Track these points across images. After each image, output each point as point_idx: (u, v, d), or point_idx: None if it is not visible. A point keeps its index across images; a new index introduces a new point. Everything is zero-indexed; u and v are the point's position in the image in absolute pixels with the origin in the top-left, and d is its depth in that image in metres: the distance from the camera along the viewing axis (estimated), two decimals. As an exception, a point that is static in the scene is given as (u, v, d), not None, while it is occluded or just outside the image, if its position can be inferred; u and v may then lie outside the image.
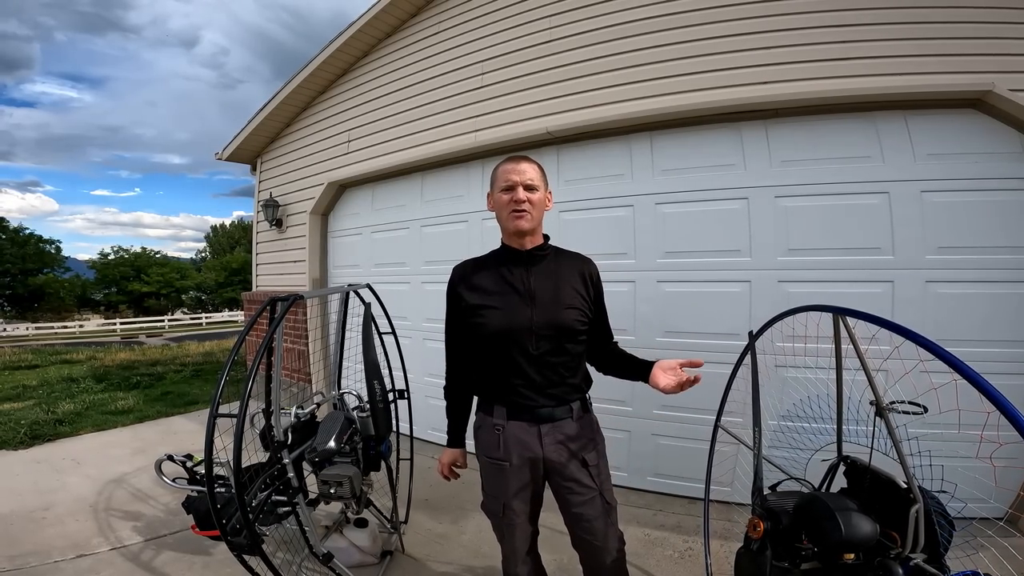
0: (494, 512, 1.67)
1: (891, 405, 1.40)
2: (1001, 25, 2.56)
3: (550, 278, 1.59)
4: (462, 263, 1.72)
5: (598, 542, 1.63)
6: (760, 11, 2.89)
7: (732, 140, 3.00)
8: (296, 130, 5.25)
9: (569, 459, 1.59)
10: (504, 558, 1.74)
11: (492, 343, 1.57)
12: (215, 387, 1.77)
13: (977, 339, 2.56)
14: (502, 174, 1.59)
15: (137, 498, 3.31)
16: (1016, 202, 2.54)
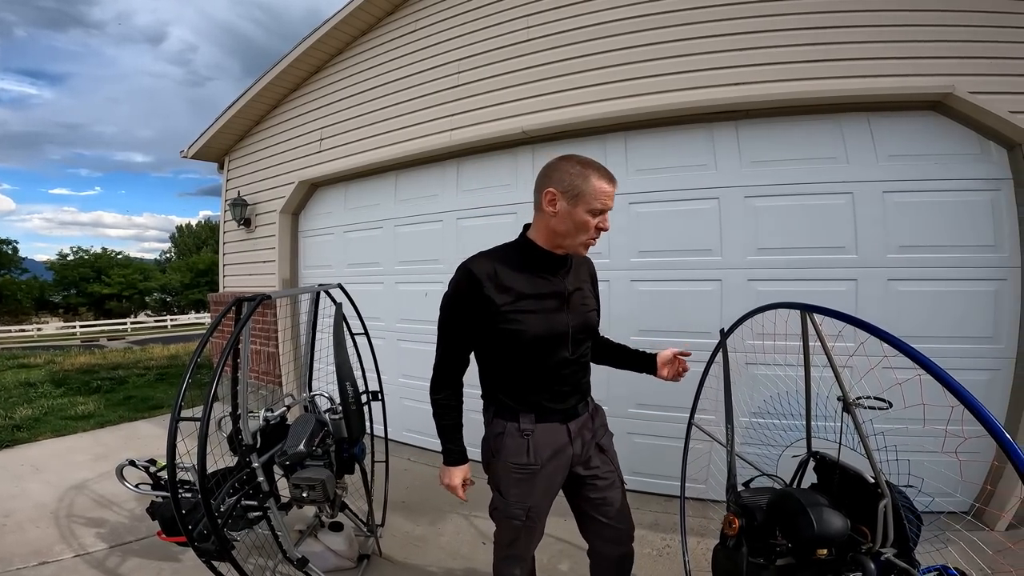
0: (515, 517, 1.58)
1: (857, 401, 1.43)
2: (961, 28, 2.66)
3: (574, 281, 1.58)
4: (479, 260, 1.50)
5: (622, 525, 1.68)
6: (732, 13, 2.95)
7: (704, 141, 3.05)
8: (266, 128, 5.12)
9: (591, 448, 1.63)
10: (506, 560, 1.69)
11: (530, 349, 1.49)
12: (177, 391, 1.70)
13: (935, 335, 2.66)
14: (599, 193, 1.42)
15: (100, 504, 3.21)
16: (973, 202, 2.65)
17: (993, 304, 2.61)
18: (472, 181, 3.77)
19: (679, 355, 1.66)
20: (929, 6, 2.71)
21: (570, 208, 1.43)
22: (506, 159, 3.61)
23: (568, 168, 1.44)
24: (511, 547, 1.65)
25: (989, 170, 2.66)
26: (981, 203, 2.64)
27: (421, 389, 4.11)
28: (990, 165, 2.66)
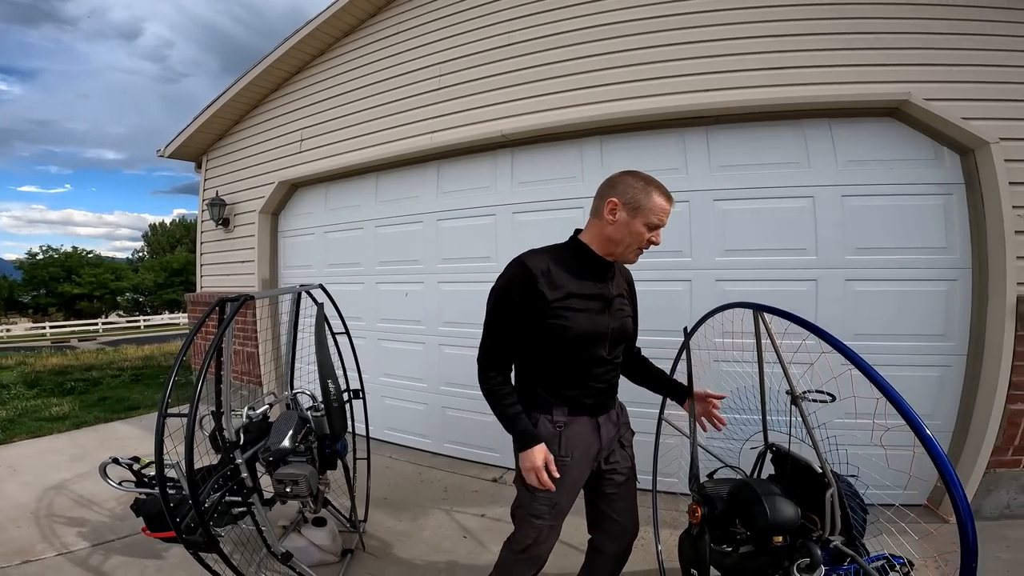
0: (539, 515, 1.64)
1: (804, 394, 1.54)
2: (917, 36, 2.80)
3: (616, 288, 1.68)
4: (534, 256, 1.59)
5: (629, 523, 1.80)
6: (702, 21, 3.07)
7: (676, 145, 3.16)
8: (246, 128, 5.10)
9: (613, 443, 1.74)
10: (521, 561, 1.74)
11: (572, 345, 1.57)
12: (164, 387, 1.74)
13: (890, 333, 2.81)
14: (658, 209, 1.54)
15: (80, 504, 3.21)
16: (927, 206, 2.81)
17: (945, 304, 2.77)
18: (452, 183, 3.84)
19: (712, 397, 1.77)
20: (887, 14, 2.85)
21: (629, 219, 1.54)
22: (486, 161, 3.68)
23: (632, 182, 1.56)
24: (530, 549, 1.70)
25: (943, 175, 2.81)
26: (934, 207, 2.79)
27: (402, 388, 4.19)
28: (944, 170, 2.82)
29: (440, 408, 3.97)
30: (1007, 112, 2.66)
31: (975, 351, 2.73)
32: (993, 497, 2.72)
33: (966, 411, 2.78)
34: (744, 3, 3.00)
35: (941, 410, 2.83)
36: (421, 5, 4.00)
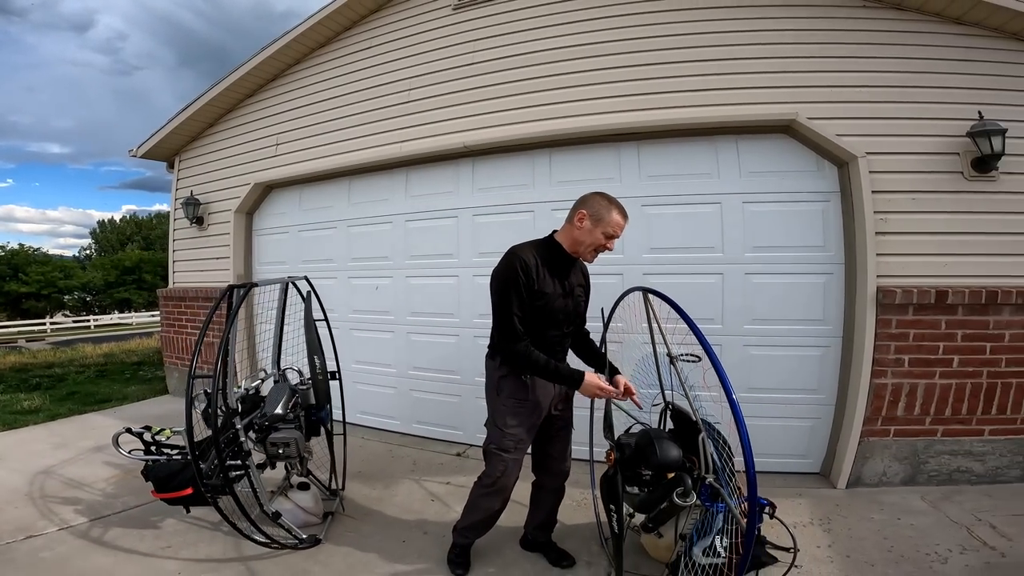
0: (507, 449, 2.16)
1: (680, 357, 2.07)
2: (805, 60, 3.35)
3: (576, 278, 2.24)
4: (525, 250, 2.14)
5: (564, 462, 2.37)
6: (635, 47, 3.60)
7: (612, 158, 3.70)
8: (222, 130, 5.37)
9: (563, 395, 2.28)
10: (489, 494, 2.26)
11: (543, 320, 2.13)
12: (195, 348, 2.28)
13: (781, 318, 3.39)
14: (614, 223, 2.10)
15: (71, 486, 3.42)
16: (809, 211, 3.39)
17: (823, 293, 3.37)
18: (419, 187, 4.27)
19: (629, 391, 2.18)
20: (781, 39, 3.39)
21: (592, 227, 2.10)
22: (450, 169, 4.14)
23: (600, 200, 2.12)
24: (499, 481, 2.21)
25: (823, 184, 3.39)
26: (815, 211, 3.38)
27: (373, 373, 4.58)
28: (823, 180, 3.39)
29: (408, 391, 4.40)
30: (872, 130, 3.22)
31: (847, 333, 3.31)
32: (870, 465, 3.21)
33: (843, 386, 3.33)
34: (670, 33, 3.55)
35: (824, 385, 3.39)
36: (392, 23, 4.42)
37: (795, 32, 3.39)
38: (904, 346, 3.14)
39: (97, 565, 2.49)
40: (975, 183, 3.13)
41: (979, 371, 3.09)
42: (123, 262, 37.94)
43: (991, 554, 2.37)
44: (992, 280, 3.08)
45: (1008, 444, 3.11)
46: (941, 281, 3.11)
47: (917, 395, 3.14)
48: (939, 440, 3.16)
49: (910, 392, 3.14)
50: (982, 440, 3.13)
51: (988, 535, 2.54)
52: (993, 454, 3.13)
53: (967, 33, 3.22)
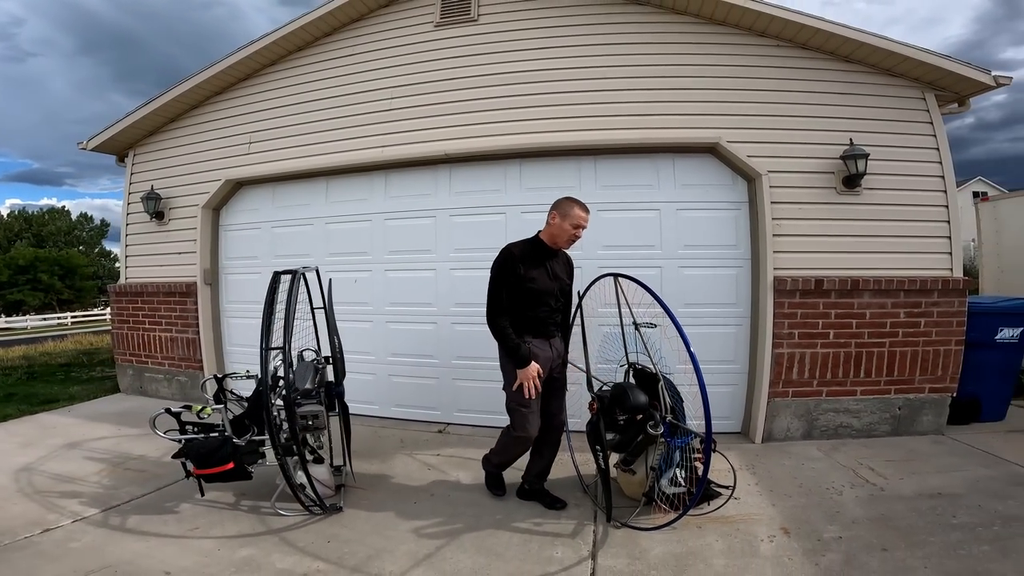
0: (523, 404, 2.75)
1: (642, 324, 2.77)
2: (727, 91, 4.13)
3: (558, 265, 2.88)
4: (516, 246, 2.83)
5: (560, 416, 2.97)
6: (591, 75, 4.26)
7: (574, 170, 4.36)
8: (187, 125, 5.40)
9: (559, 358, 2.89)
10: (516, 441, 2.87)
11: (533, 299, 2.77)
12: (262, 330, 2.63)
13: (706, 303, 4.19)
14: (578, 217, 2.79)
15: (62, 481, 3.41)
16: (726, 216, 4.22)
17: (736, 282, 4.22)
18: (398, 189, 4.69)
19: None
20: (711, 73, 4.16)
21: (561, 222, 2.79)
22: (428, 173, 4.60)
23: (565, 202, 2.83)
24: (525, 428, 2.79)
25: (736, 195, 4.24)
26: (730, 217, 4.24)
27: (352, 361, 4.81)
28: (736, 192, 4.25)
29: (387, 376, 4.80)
30: (773, 152, 4.04)
31: (754, 314, 4.17)
32: (777, 423, 4.02)
33: (753, 357, 4.18)
34: (623, 64, 4.24)
35: (739, 356, 4.25)
36: (375, 33, 4.79)
37: (720, 67, 4.19)
38: (794, 323, 4.02)
39: (133, 549, 2.55)
40: (844, 196, 4.07)
41: (848, 342, 4.02)
42: (16, 260, 33.51)
43: (873, 488, 3.08)
44: (856, 272, 4.02)
45: (876, 402, 4.04)
46: (819, 272, 4.01)
47: (806, 362, 4.03)
48: (825, 400, 4.05)
49: (800, 359, 4.04)
50: (856, 399, 4.04)
51: (869, 475, 3.27)
52: (865, 411, 4.05)
53: (850, 69, 4.11)
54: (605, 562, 2.40)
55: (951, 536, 2.50)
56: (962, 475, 3.24)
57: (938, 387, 4.01)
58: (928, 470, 3.35)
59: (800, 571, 2.27)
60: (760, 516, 2.79)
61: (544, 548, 2.52)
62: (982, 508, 2.78)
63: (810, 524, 2.68)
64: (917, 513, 2.75)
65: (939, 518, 2.69)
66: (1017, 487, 3.02)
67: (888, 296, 3.99)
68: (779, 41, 4.18)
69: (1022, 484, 3.07)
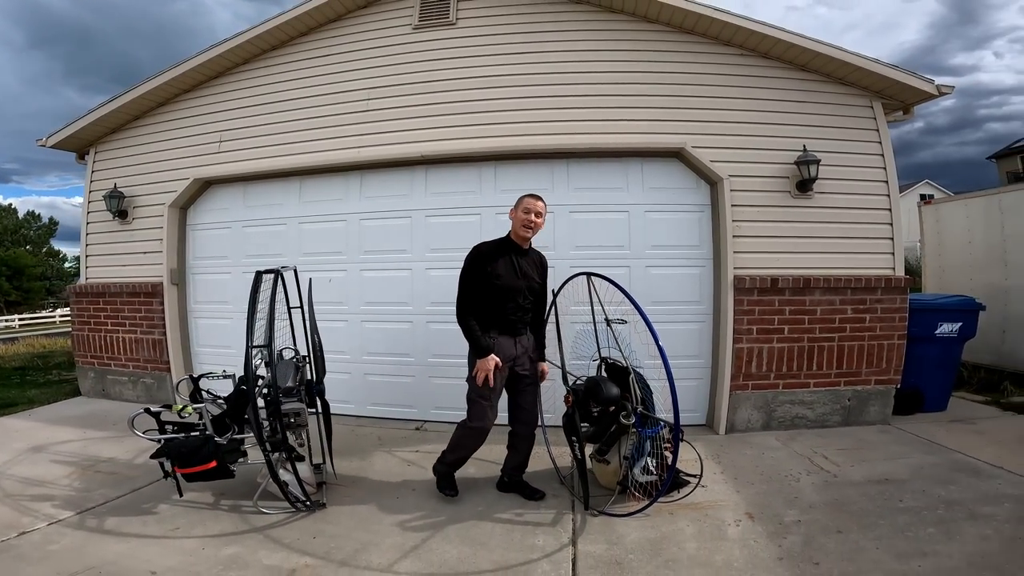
0: (483, 397, 2.85)
1: (615, 320, 2.94)
2: (692, 99, 4.35)
3: (528, 263, 2.97)
4: (485, 245, 2.97)
5: (533, 411, 3.06)
6: (566, 80, 4.42)
7: (547, 172, 4.50)
8: (154, 123, 5.28)
9: (525, 356, 2.96)
10: (472, 432, 2.96)
11: (501, 295, 2.87)
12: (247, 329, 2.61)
13: (671, 300, 4.40)
14: (527, 203, 2.94)
15: (31, 485, 3.34)
16: (690, 218, 4.44)
17: (699, 281, 4.45)
18: (374, 190, 4.73)
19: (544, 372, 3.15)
20: (675, 80, 4.37)
21: (516, 211, 2.97)
22: (404, 175, 4.66)
23: (519, 198, 2.99)
24: (479, 422, 2.90)
25: (700, 198, 4.47)
26: (694, 219, 4.46)
27: (328, 361, 4.83)
28: (700, 195, 4.47)
29: (363, 375, 4.83)
30: (733, 157, 4.28)
31: (716, 311, 4.40)
32: (739, 414, 4.24)
33: (716, 351, 4.41)
34: (596, 71, 4.41)
35: (703, 351, 4.48)
36: (353, 34, 4.81)
37: (688, 75, 4.40)
38: (753, 319, 4.27)
39: (115, 551, 2.53)
40: (798, 200, 4.34)
41: (802, 337, 4.30)
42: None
43: (827, 475, 3.31)
44: (808, 271, 4.29)
45: (827, 394, 4.33)
46: (775, 271, 4.27)
47: (764, 357, 4.29)
48: (782, 392, 4.32)
49: (759, 354, 4.29)
50: (809, 391, 4.32)
51: (823, 463, 3.50)
52: (818, 403, 4.33)
53: (806, 78, 4.39)
54: (585, 548, 2.53)
55: (899, 519, 2.70)
56: (907, 462, 3.49)
57: (883, 379, 4.33)
58: (876, 458, 3.61)
59: (765, 552, 2.46)
60: (726, 502, 3.00)
61: (526, 536, 2.64)
62: (926, 493, 2.99)
63: (772, 509, 2.89)
64: (867, 498, 2.97)
65: (887, 502, 2.90)
66: (958, 473, 3.25)
67: (837, 293, 4.28)
68: (743, 50, 4.42)
69: (963, 471, 3.30)
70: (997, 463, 3.38)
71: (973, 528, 2.58)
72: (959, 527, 2.60)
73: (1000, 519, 2.66)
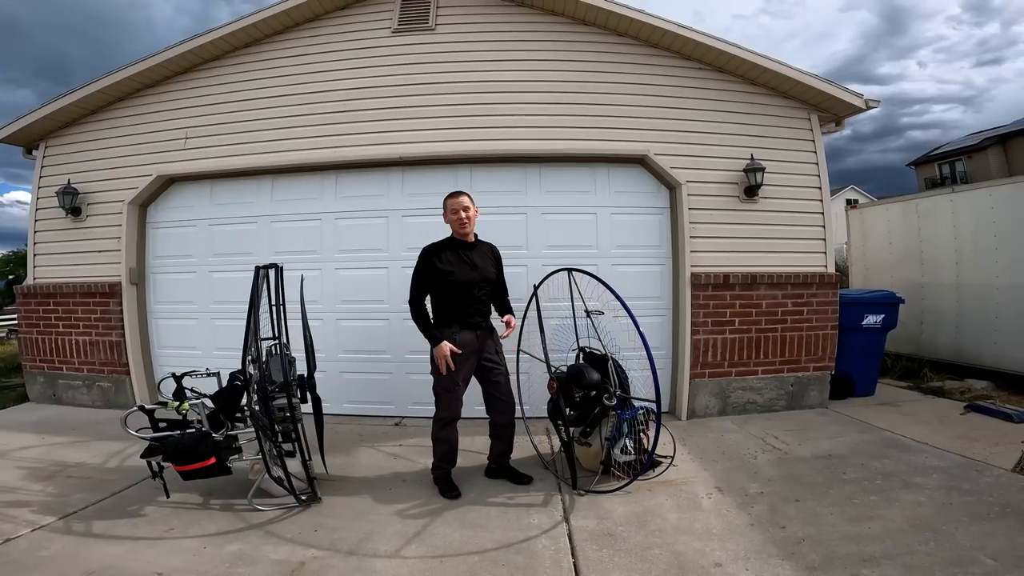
0: (448, 388, 3.01)
1: (594, 312, 3.20)
2: (654, 108, 4.69)
3: (479, 255, 3.13)
4: (432, 246, 3.16)
5: (508, 399, 3.21)
6: (538, 88, 4.66)
7: (520, 175, 4.72)
8: (114, 117, 5.07)
9: (490, 348, 3.12)
10: (444, 427, 3.11)
11: (457, 288, 3.01)
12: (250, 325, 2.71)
13: (636, 296, 4.58)
14: (451, 204, 3.15)
15: (2, 491, 3.24)
16: (651, 221, 4.79)
17: (660, 278, 4.82)
18: (350, 190, 4.78)
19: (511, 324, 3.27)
20: (639, 91, 4.70)
21: (446, 212, 3.18)
22: (380, 176, 4.74)
23: (443, 202, 3.21)
24: (448, 412, 3.06)
25: (660, 201, 4.83)
26: (654, 221, 4.82)
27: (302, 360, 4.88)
28: (661, 199, 4.84)
29: (338, 373, 4.87)
30: (691, 164, 4.67)
31: (675, 306, 4.78)
32: (698, 401, 4.64)
33: (676, 343, 4.79)
34: (567, 80, 4.67)
35: (664, 343, 4.84)
36: (331, 34, 4.84)
37: (652, 87, 4.75)
38: (708, 312, 4.67)
39: (112, 553, 2.51)
40: (746, 204, 4.78)
41: (750, 328, 4.74)
42: None
43: (780, 453, 3.69)
44: (754, 268, 4.74)
45: (773, 381, 4.78)
46: (727, 269, 4.69)
47: (718, 347, 4.70)
48: (735, 379, 4.74)
49: (714, 345, 4.71)
50: (758, 378, 4.77)
51: (775, 443, 3.90)
52: (766, 389, 4.78)
53: (755, 91, 4.82)
54: (578, 523, 2.76)
55: (845, 489, 3.06)
56: (845, 440, 3.93)
57: (820, 366, 4.85)
58: (819, 437, 4.06)
59: (737, 519, 2.79)
60: (697, 479, 3.33)
61: (521, 517, 2.85)
62: (865, 466, 3.38)
63: (737, 483, 3.25)
64: (816, 471, 3.34)
65: (833, 475, 3.27)
66: (890, 449, 3.69)
67: (779, 288, 4.75)
68: (701, 64, 4.82)
69: (893, 446, 3.74)
70: (923, 440, 3.87)
71: (909, 495, 2.95)
72: (897, 495, 2.96)
73: (931, 487, 3.04)
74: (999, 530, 2.54)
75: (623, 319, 3.06)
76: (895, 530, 2.60)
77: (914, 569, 2.26)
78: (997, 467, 3.30)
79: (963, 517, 2.68)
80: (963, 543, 2.44)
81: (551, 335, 3.60)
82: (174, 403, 2.95)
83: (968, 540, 2.46)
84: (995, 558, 2.30)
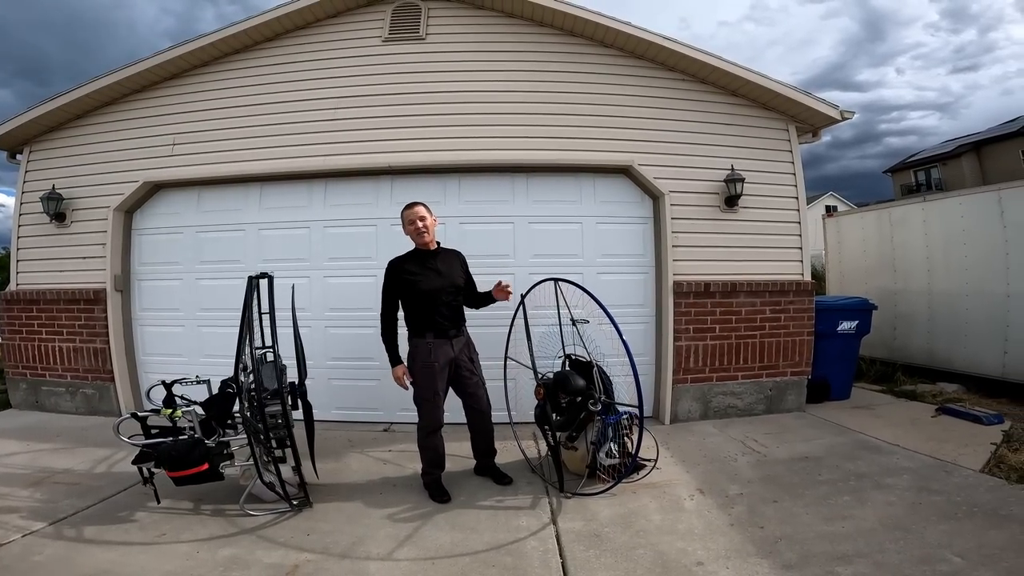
0: (427, 399, 3.07)
1: (580, 320, 3.31)
2: (639, 119, 4.81)
3: (444, 262, 3.20)
4: (397, 259, 3.25)
5: (484, 408, 3.28)
6: (526, 99, 4.75)
7: (508, 185, 4.82)
8: (101, 122, 5.05)
9: (464, 356, 3.18)
10: (429, 435, 3.18)
11: (426, 297, 3.06)
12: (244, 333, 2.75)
13: (619, 304, 4.69)
14: (406, 216, 3.21)
15: None
16: (635, 230, 4.90)
17: (643, 286, 4.93)
18: (339, 198, 4.82)
19: (502, 285, 3.33)
20: (622, 102, 4.82)
21: (404, 223, 3.23)
22: (370, 184, 4.80)
23: (400, 214, 3.26)
24: (430, 421, 3.13)
25: (644, 211, 4.96)
26: (638, 230, 4.93)
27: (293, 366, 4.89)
28: (644, 208, 4.96)
29: (327, 380, 4.88)
30: (673, 175, 4.78)
31: (658, 313, 4.90)
32: (681, 405, 4.73)
33: (659, 349, 4.91)
34: (554, 91, 4.77)
35: (648, 350, 4.94)
36: (321, 43, 4.88)
37: (637, 98, 4.87)
38: (690, 319, 4.80)
39: (106, 559, 2.54)
40: (726, 214, 4.92)
41: (730, 335, 4.87)
42: None
43: (759, 456, 3.82)
44: (734, 276, 4.87)
45: (752, 385, 4.92)
46: (708, 277, 4.81)
47: (700, 353, 4.83)
48: (716, 384, 4.86)
49: (695, 351, 4.83)
50: (738, 383, 4.89)
51: (754, 446, 4.02)
52: (746, 393, 4.91)
53: (736, 103, 4.96)
54: (565, 525, 2.84)
55: (820, 490, 3.18)
56: (821, 443, 4.07)
57: (797, 371, 5.00)
58: (796, 440, 4.20)
59: (719, 520, 2.89)
60: (679, 481, 3.44)
61: (510, 519, 2.93)
62: (839, 468, 3.50)
63: (718, 485, 3.36)
64: (793, 473, 3.47)
65: (809, 476, 3.40)
66: (863, 451, 3.83)
67: (757, 296, 4.89)
68: (684, 75, 4.96)
69: (867, 449, 3.87)
70: (895, 442, 4.03)
71: (881, 496, 3.07)
72: (869, 495, 3.09)
73: (901, 488, 3.17)
74: (966, 529, 2.67)
75: (607, 327, 3.15)
76: (867, 529, 2.72)
77: (885, 567, 2.37)
78: (966, 468, 3.45)
79: (932, 516, 2.81)
80: (932, 541, 2.56)
81: (538, 342, 3.69)
82: (167, 410, 2.99)
83: (936, 538, 2.58)
84: (962, 556, 2.42)
